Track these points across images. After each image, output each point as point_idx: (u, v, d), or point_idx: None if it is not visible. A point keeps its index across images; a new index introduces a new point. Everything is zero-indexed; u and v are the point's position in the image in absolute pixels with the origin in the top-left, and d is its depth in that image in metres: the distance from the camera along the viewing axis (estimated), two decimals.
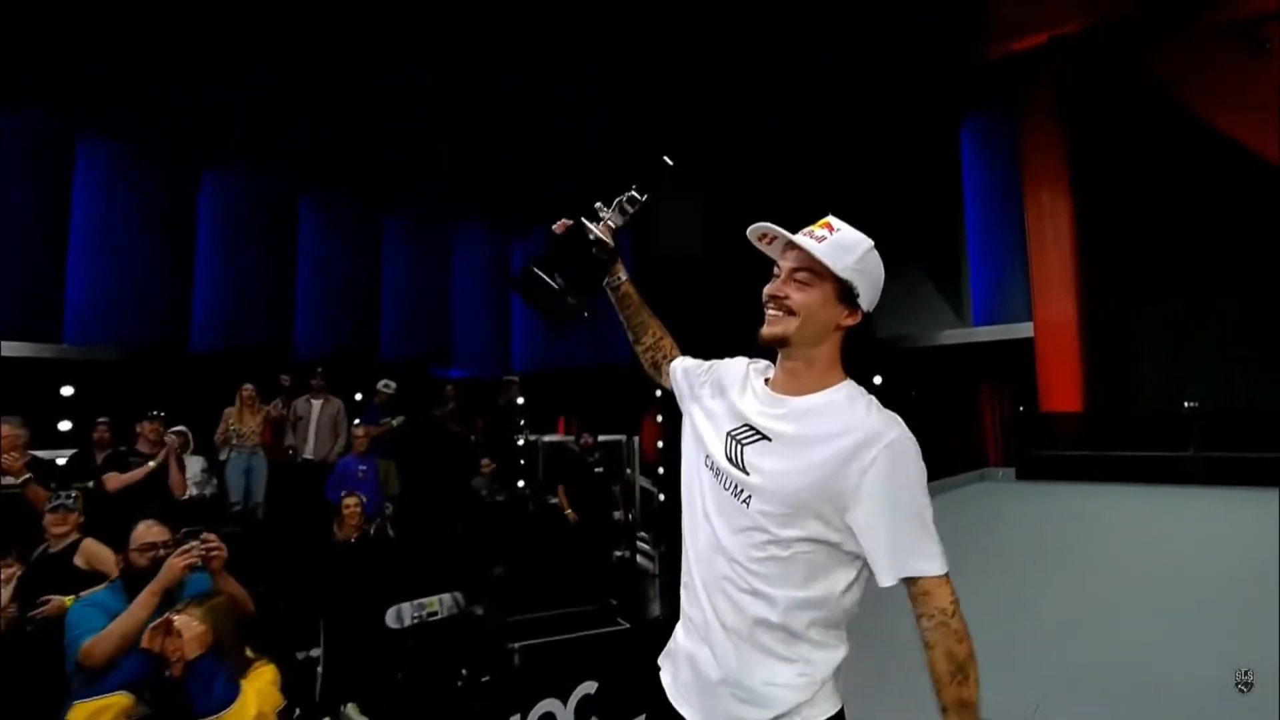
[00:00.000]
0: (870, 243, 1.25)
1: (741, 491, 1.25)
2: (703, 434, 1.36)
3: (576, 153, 7.15)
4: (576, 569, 5.49)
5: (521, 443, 7.58)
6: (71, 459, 4.63)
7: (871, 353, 7.63)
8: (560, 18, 6.02)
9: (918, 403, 7.43)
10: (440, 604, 4.22)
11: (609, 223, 1.45)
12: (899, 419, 1.20)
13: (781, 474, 1.22)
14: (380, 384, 6.75)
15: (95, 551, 3.01)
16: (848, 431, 1.18)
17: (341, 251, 8.34)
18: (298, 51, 6.11)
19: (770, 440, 1.25)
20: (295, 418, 6.05)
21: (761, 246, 1.31)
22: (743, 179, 7.36)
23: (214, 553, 2.36)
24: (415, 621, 4.00)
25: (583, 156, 7.10)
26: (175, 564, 2.28)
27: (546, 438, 7.69)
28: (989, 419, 7.26)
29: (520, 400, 8.35)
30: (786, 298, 1.25)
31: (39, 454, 4.17)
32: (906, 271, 7.74)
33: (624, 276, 1.53)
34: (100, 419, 4.68)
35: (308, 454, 6.05)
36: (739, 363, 1.43)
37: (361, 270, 8.55)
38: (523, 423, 7.66)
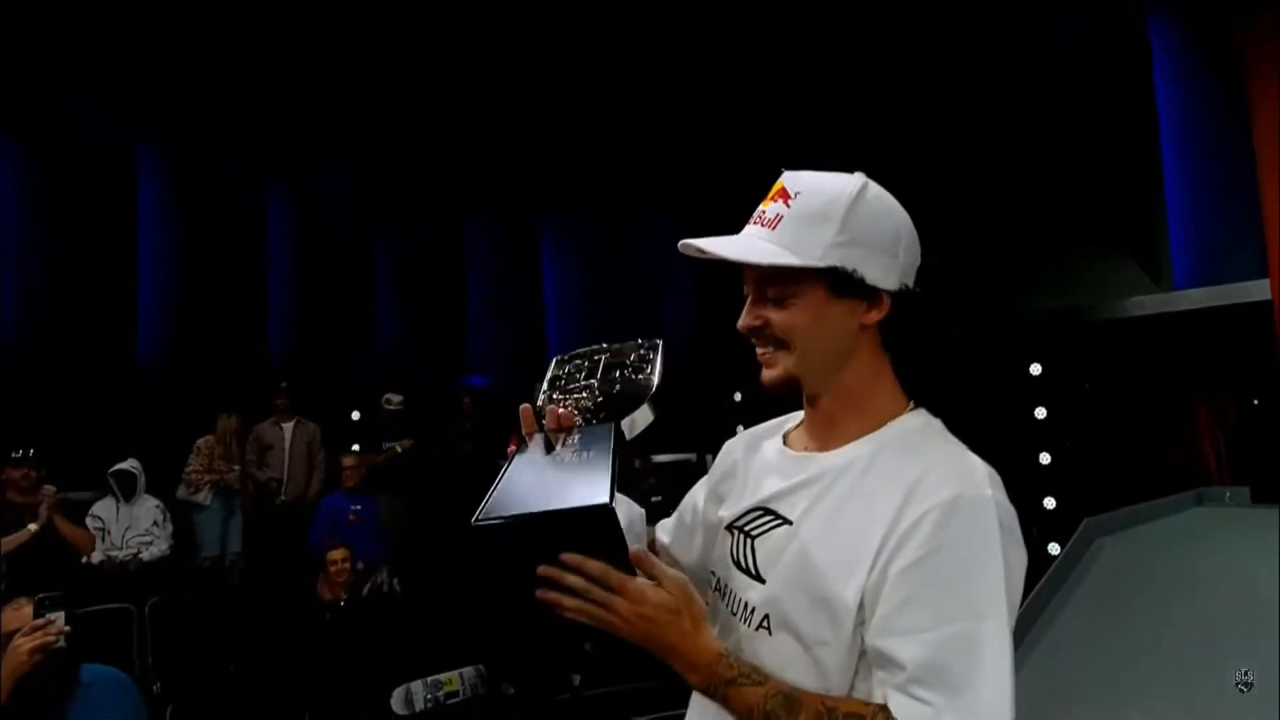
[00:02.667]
0: (856, 184, 1.07)
1: (753, 614, 1.07)
2: (707, 549, 1.22)
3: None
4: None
5: None
6: None
7: (1025, 334, 7.25)
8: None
9: (1095, 398, 6.99)
10: (461, 681, 4.24)
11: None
12: (986, 475, 1.01)
13: (802, 571, 1.03)
14: (384, 398, 6.88)
15: None
16: (897, 489, 1.00)
17: (324, 243, 8.55)
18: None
19: (790, 523, 1.07)
20: (263, 447, 6.18)
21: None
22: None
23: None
24: (429, 705, 4.06)
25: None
26: (20, 647, 2.07)
27: None
28: (1205, 419, 6.71)
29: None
30: (766, 325, 1.10)
31: None
32: (1077, 218, 7.34)
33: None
34: (17, 453, 4.72)
35: (281, 495, 6.18)
36: (739, 439, 1.27)
37: (350, 264, 8.75)
38: None
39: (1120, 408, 6.91)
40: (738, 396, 7.80)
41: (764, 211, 1.09)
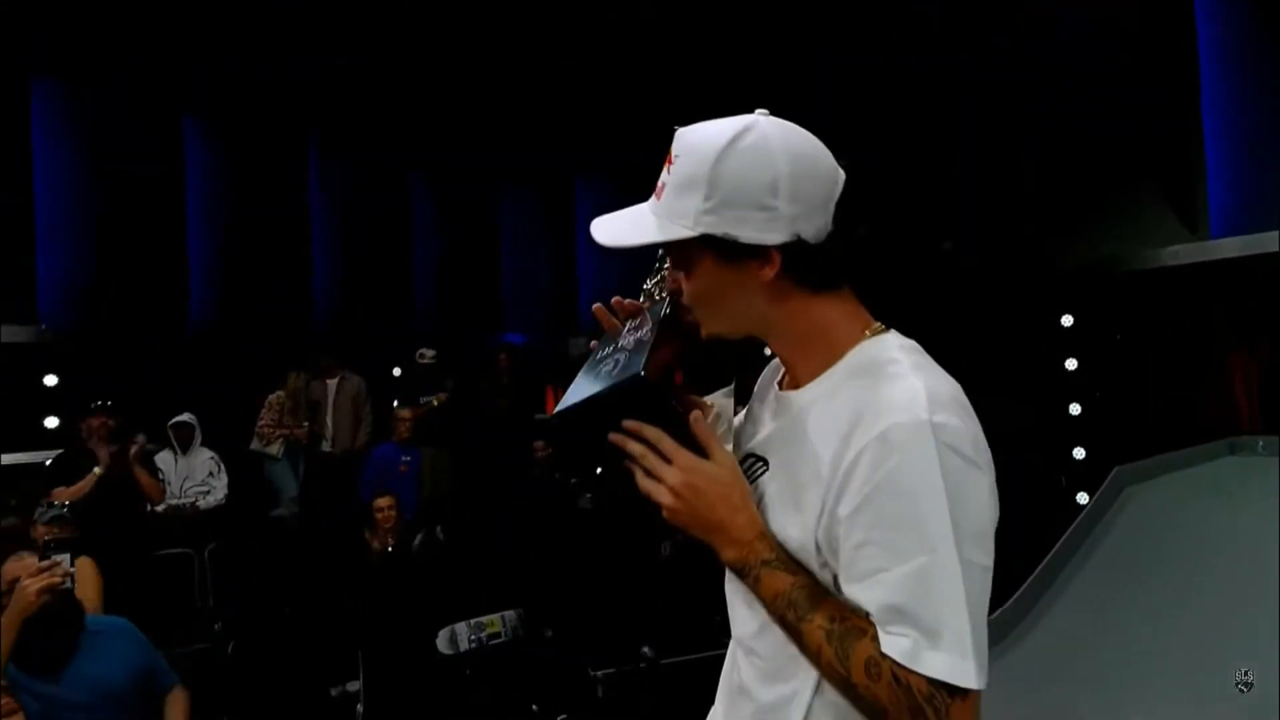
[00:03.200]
0: (726, 137, 0.98)
1: None
2: None
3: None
4: (675, 575, 5.49)
5: None
6: (57, 461, 4.93)
7: (1058, 284, 7.14)
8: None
9: (1127, 349, 6.92)
10: (503, 623, 4.33)
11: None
12: (926, 398, 0.94)
13: (769, 516, 1.04)
14: (418, 352, 6.99)
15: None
16: (842, 425, 0.97)
17: (361, 202, 8.71)
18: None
19: (768, 466, 1.08)
20: (311, 402, 6.36)
21: None
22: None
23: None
24: (473, 645, 4.08)
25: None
26: (27, 588, 2.14)
27: None
28: (1239, 368, 6.65)
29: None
30: (681, 293, 1.09)
31: (18, 457, 4.50)
32: (1110, 166, 7.14)
33: None
34: (96, 403, 4.90)
35: (325, 446, 6.37)
36: (765, 372, 1.24)
37: (386, 222, 8.90)
38: None
39: (1152, 358, 6.81)
40: (768, 351, 7.84)
41: (659, 178, 1.05)
